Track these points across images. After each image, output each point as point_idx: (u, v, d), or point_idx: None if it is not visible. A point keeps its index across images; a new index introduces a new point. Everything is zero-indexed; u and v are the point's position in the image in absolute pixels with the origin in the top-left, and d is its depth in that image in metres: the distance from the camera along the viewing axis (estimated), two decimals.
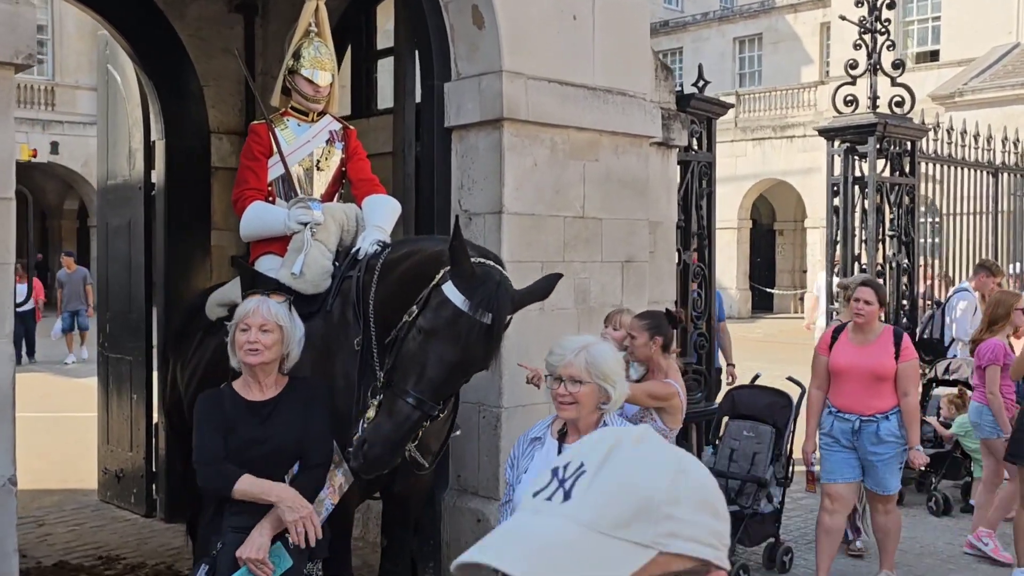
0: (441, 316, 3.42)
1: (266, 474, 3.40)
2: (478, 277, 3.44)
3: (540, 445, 3.33)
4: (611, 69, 5.58)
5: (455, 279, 3.44)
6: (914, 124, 8.64)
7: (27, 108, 28.05)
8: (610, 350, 3.25)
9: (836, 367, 5.63)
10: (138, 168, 7.31)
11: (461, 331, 3.40)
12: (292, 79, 4.80)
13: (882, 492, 5.65)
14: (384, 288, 3.96)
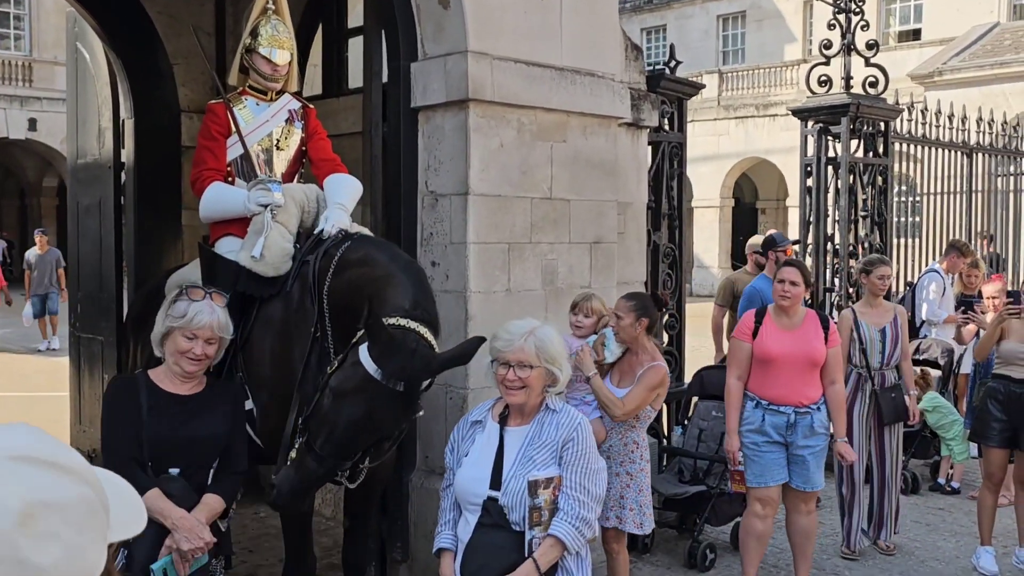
0: (352, 378, 3.32)
1: (191, 465, 3.41)
2: (394, 345, 3.31)
3: (481, 429, 3.33)
4: (579, 49, 5.55)
5: (370, 347, 3.32)
6: (887, 105, 8.65)
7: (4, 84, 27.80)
8: (555, 333, 3.24)
9: (767, 355, 5.14)
10: (107, 147, 7.26)
11: (371, 396, 3.29)
12: (250, 58, 4.76)
13: (811, 489, 5.22)
14: (337, 283, 3.94)
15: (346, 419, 3.33)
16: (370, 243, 4.19)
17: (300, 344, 4.08)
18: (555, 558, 3.09)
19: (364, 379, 3.29)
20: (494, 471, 3.18)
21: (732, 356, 5.33)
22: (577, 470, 3.13)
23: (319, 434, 3.39)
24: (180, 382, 3.48)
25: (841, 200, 8.36)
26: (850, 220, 8.44)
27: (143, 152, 7.15)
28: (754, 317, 5.28)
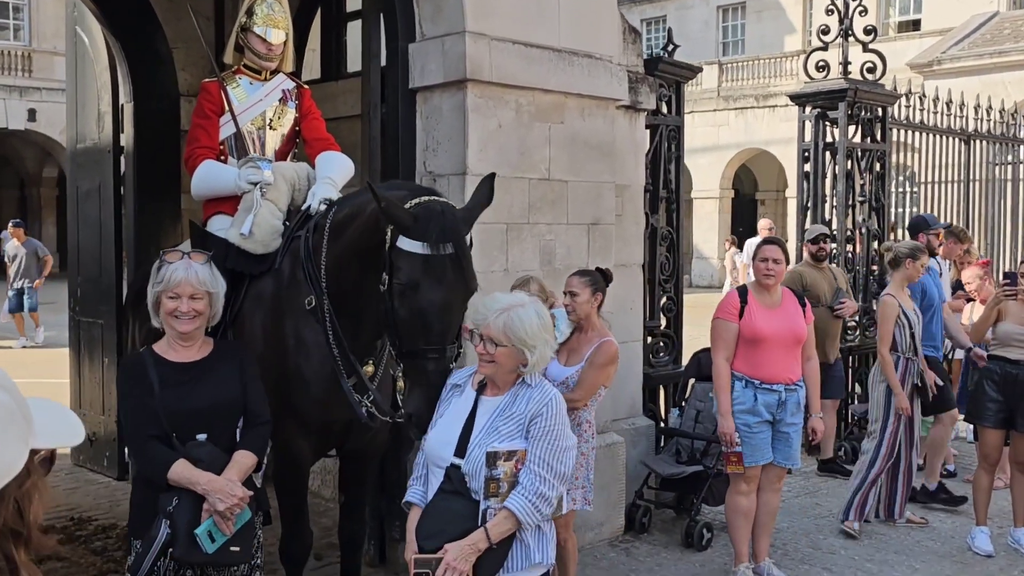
0: (412, 270, 3.39)
1: (215, 429, 3.41)
2: (421, 218, 3.40)
3: (459, 393, 3.31)
4: (577, 31, 5.57)
5: (403, 231, 3.40)
6: (885, 90, 8.67)
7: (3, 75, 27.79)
8: (533, 315, 3.13)
9: (757, 334, 5.13)
10: (107, 131, 7.28)
11: (436, 273, 3.37)
12: (245, 36, 4.78)
13: (792, 465, 5.33)
14: (336, 248, 3.94)
15: (430, 305, 3.38)
16: (348, 198, 4.20)
17: (291, 317, 4.11)
18: (508, 531, 3.07)
19: (422, 262, 3.36)
20: (461, 437, 3.17)
21: (719, 337, 5.27)
22: (542, 446, 3.10)
23: (418, 336, 3.40)
24: (181, 347, 3.47)
25: (839, 185, 8.39)
26: (848, 205, 8.47)
27: (142, 136, 7.17)
28: (738, 297, 5.27)
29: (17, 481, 0.99)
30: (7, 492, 0.98)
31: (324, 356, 4.01)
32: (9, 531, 0.98)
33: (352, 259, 3.85)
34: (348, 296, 3.93)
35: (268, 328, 4.16)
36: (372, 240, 3.61)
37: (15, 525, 0.98)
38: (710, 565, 5.71)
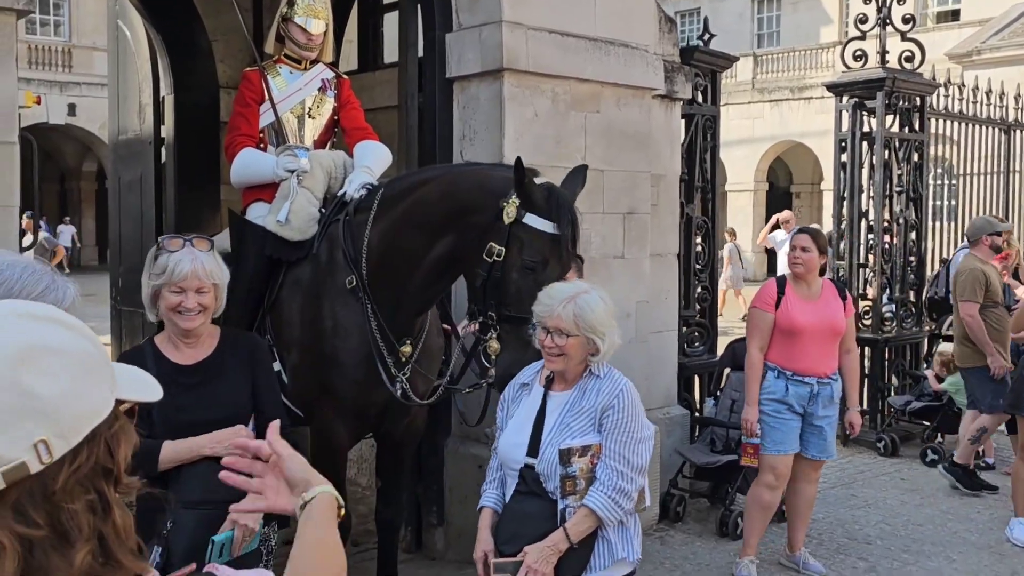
0: (542, 248, 3.59)
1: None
2: (551, 199, 3.61)
3: (528, 392, 3.28)
4: (613, 20, 5.58)
5: (533, 209, 3.58)
6: (924, 79, 8.59)
7: (44, 70, 28.18)
8: (598, 301, 3.12)
9: (794, 325, 5.08)
10: (148, 123, 7.38)
11: (560, 251, 3.61)
12: (285, 26, 4.85)
13: (827, 457, 5.30)
14: (388, 223, 4.03)
15: (546, 279, 3.52)
16: (400, 177, 4.36)
17: (329, 299, 4.17)
18: (588, 529, 3.01)
19: (551, 241, 3.58)
20: (532, 437, 3.11)
21: (754, 327, 5.23)
22: (616, 438, 3.03)
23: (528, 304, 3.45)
24: (185, 345, 3.09)
25: (876, 175, 8.33)
26: (885, 195, 8.40)
27: (182, 128, 7.26)
28: (775, 287, 5.22)
29: (107, 423, 1.06)
30: (98, 432, 1.05)
31: (363, 337, 4.07)
32: (101, 469, 1.05)
33: (406, 228, 3.94)
34: (395, 272, 4.01)
35: (306, 312, 4.23)
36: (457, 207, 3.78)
37: (106, 463, 1.06)
38: None
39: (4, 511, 0.98)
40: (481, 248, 3.64)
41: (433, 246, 3.89)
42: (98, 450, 1.05)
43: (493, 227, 3.63)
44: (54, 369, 1.03)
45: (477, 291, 3.72)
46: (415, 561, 5.47)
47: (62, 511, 1.01)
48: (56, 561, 1.00)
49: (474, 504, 5.41)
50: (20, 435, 0.99)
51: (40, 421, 1.00)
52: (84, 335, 1.10)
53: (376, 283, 4.05)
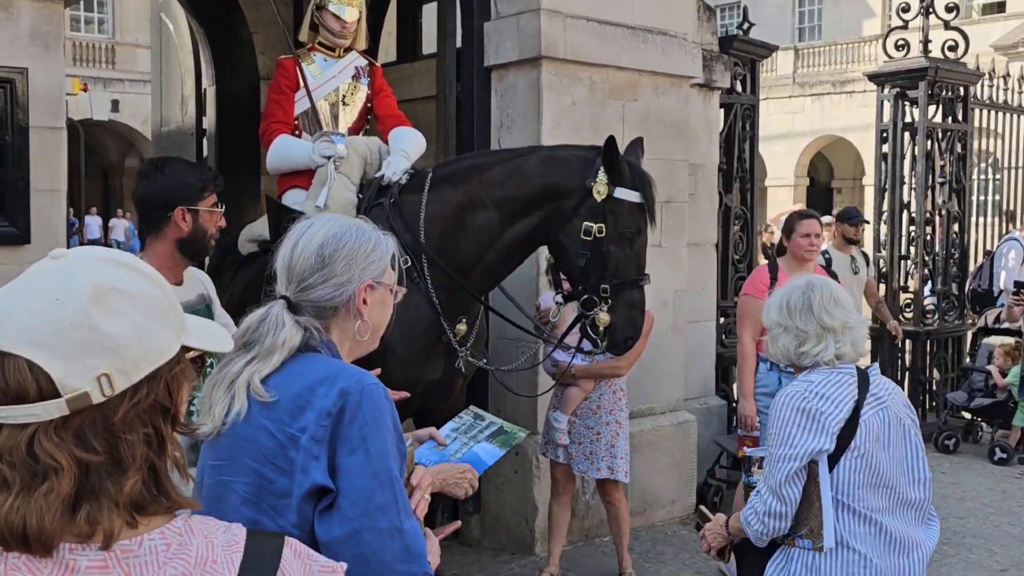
0: (636, 218, 3.93)
1: None
2: (633, 172, 3.94)
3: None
4: (651, 8, 5.57)
5: (623, 183, 3.90)
6: (967, 69, 8.48)
7: (88, 66, 28.58)
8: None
9: None
10: (190, 114, 7.49)
11: (648, 218, 3.97)
12: (320, 15, 4.90)
13: None
14: (446, 205, 4.13)
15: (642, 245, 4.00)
16: (453, 160, 4.54)
17: None
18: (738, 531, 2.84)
19: (639, 209, 3.94)
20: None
21: (746, 315, 5.05)
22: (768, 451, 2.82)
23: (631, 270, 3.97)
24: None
25: (918, 166, 8.23)
26: (927, 187, 8.30)
27: (224, 119, 7.35)
28: (768, 273, 5.11)
29: (169, 365, 1.13)
30: (160, 372, 1.12)
31: (417, 315, 4.10)
32: (159, 407, 1.12)
33: (485, 212, 4.07)
34: (461, 251, 4.12)
35: None
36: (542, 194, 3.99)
37: (164, 402, 1.13)
38: None
39: (67, 435, 1.05)
40: (575, 230, 3.90)
41: (511, 226, 4.07)
42: (158, 389, 1.12)
43: (584, 207, 3.90)
44: (123, 309, 1.10)
45: (579, 270, 3.96)
46: (451, 548, 5.50)
47: (120, 441, 1.08)
48: (108, 485, 1.07)
49: (509, 492, 5.46)
50: (85, 367, 1.06)
51: (105, 356, 1.07)
52: (156, 282, 1.17)
53: (435, 265, 4.11)
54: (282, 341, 1.79)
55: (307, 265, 1.86)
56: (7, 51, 3.72)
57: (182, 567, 1.09)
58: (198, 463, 1.88)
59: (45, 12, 3.81)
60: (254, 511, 1.71)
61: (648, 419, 5.81)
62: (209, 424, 1.77)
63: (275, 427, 1.72)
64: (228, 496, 1.75)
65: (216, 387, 1.80)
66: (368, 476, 1.66)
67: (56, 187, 3.86)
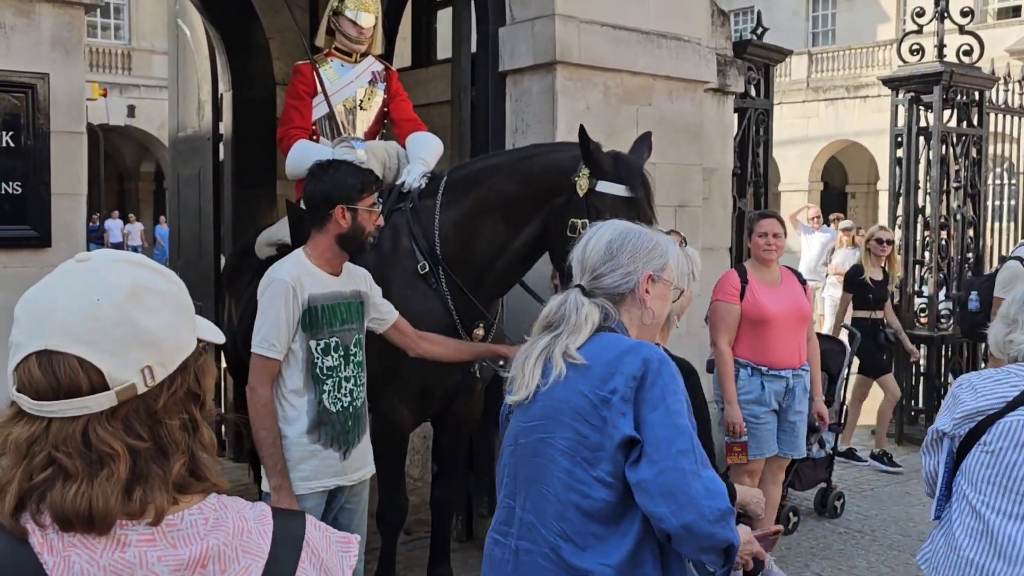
0: (618, 211, 3.62)
1: None
2: (619, 164, 3.78)
3: None
4: (665, 13, 5.59)
5: (604, 176, 3.75)
6: (982, 74, 8.46)
7: (104, 72, 28.76)
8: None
9: (764, 314, 4.84)
10: (207, 119, 7.54)
11: (637, 212, 3.70)
12: (336, 20, 4.94)
13: (797, 455, 5.10)
14: (459, 209, 4.15)
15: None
16: (461, 165, 4.52)
17: (397, 285, 4.24)
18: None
19: (623, 204, 3.72)
20: None
21: (720, 320, 4.95)
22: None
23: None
24: None
25: (933, 171, 8.21)
26: (942, 191, 8.28)
27: (240, 124, 7.41)
28: (737, 276, 5.01)
29: (194, 356, 1.24)
30: (188, 363, 1.22)
31: (435, 320, 4.14)
32: (191, 394, 1.22)
33: (487, 215, 4.07)
34: (475, 257, 4.13)
35: None
36: (534, 191, 3.93)
37: (195, 389, 1.23)
38: (796, 549, 5.68)
39: (116, 424, 1.15)
40: (563, 227, 3.81)
41: (520, 233, 4.04)
42: (189, 378, 1.22)
43: (571, 203, 3.79)
44: (156, 306, 1.19)
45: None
46: (465, 550, 5.52)
47: (162, 427, 1.18)
48: (155, 469, 1.17)
49: None
50: (131, 361, 1.16)
51: (146, 350, 1.17)
52: (173, 280, 1.26)
53: (454, 267, 4.15)
54: (585, 317, 2.12)
55: (597, 257, 2.19)
56: (29, 57, 3.77)
57: (223, 537, 1.18)
58: (507, 429, 2.23)
59: (66, 18, 3.86)
60: (569, 462, 2.04)
61: None
62: (524, 391, 2.13)
63: (588, 390, 2.04)
64: (545, 450, 2.08)
65: (527, 360, 2.15)
66: (669, 428, 1.97)
67: (76, 191, 3.91)
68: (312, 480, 3.38)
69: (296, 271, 3.40)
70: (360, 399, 3.52)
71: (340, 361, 3.43)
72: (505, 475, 2.22)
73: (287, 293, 3.32)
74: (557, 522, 2.05)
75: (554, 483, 2.05)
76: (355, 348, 3.50)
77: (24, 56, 3.75)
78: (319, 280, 3.42)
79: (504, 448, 2.23)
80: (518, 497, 2.15)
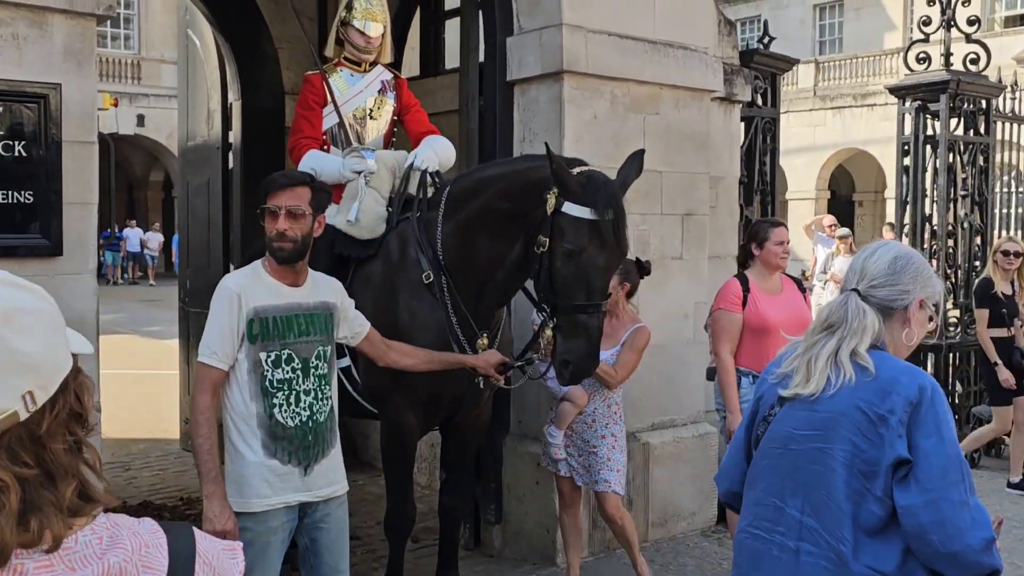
0: (579, 235, 3.67)
1: None
2: (588, 186, 3.69)
3: None
4: (672, 23, 5.62)
5: (569, 197, 3.67)
6: (989, 82, 8.47)
7: (114, 82, 28.91)
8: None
9: (766, 322, 4.83)
10: (216, 128, 7.59)
11: (602, 237, 3.68)
12: (344, 30, 4.97)
13: None
14: (457, 220, 4.15)
15: (593, 266, 3.70)
16: (463, 175, 4.52)
17: (404, 293, 4.27)
18: None
19: (589, 227, 3.65)
20: None
21: (722, 329, 4.94)
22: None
23: (578, 292, 3.71)
24: None
25: (939, 179, 8.22)
26: (949, 200, 8.28)
27: (249, 133, 7.45)
28: (739, 285, 4.97)
29: (72, 374, 1.20)
30: (67, 382, 1.19)
31: (440, 329, 4.17)
32: (74, 414, 1.19)
33: (482, 228, 4.06)
34: (476, 268, 4.13)
35: (379, 307, 4.32)
36: (517, 206, 3.89)
37: (76, 408, 1.19)
38: None
39: (1, 454, 1.11)
40: (533, 242, 3.79)
41: (513, 245, 4.02)
42: (70, 398, 1.18)
43: (541, 220, 3.75)
44: (30, 326, 1.15)
45: (535, 284, 3.87)
46: (473, 558, 5.54)
47: (47, 452, 1.14)
48: (47, 496, 1.13)
49: (530, 502, 5.49)
50: (10, 388, 1.11)
51: (25, 375, 1.13)
52: (44, 297, 1.22)
53: (456, 278, 4.17)
54: (869, 323, 2.25)
55: (880, 269, 2.31)
56: (41, 67, 3.81)
57: (122, 554, 1.16)
58: (772, 425, 2.32)
59: (78, 29, 3.90)
60: (847, 473, 2.15)
61: (669, 431, 5.84)
62: (810, 387, 2.23)
63: (865, 406, 2.15)
64: (825, 460, 2.18)
65: (814, 359, 2.26)
66: (943, 457, 2.07)
67: (88, 200, 3.94)
68: (272, 497, 3.27)
69: (244, 280, 3.35)
70: (323, 413, 3.37)
71: (296, 374, 3.31)
72: (766, 473, 2.33)
73: (231, 301, 3.25)
74: (838, 529, 2.16)
75: (835, 493, 2.17)
76: (317, 361, 3.37)
77: (37, 66, 3.79)
78: (272, 291, 3.32)
79: (765, 446, 2.34)
80: (792, 499, 2.25)
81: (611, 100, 5.37)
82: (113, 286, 27.92)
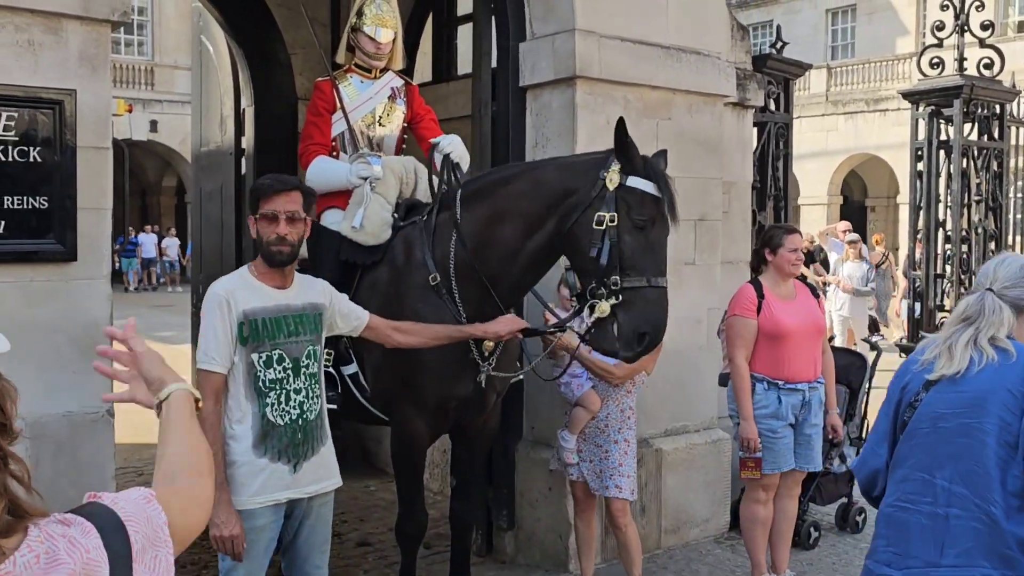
0: (647, 207, 3.82)
1: None
2: (649, 163, 3.92)
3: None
4: (685, 28, 5.61)
5: (635, 172, 3.85)
6: (1003, 87, 8.42)
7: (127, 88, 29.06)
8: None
9: (780, 328, 4.84)
10: (229, 134, 7.61)
11: (664, 211, 3.86)
12: (355, 37, 4.98)
13: (813, 468, 5.10)
14: (473, 223, 4.17)
15: (659, 239, 3.91)
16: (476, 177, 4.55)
17: (410, 297, 4.26)
18: None
19: (654, 200, 3.85)
20: None
21: (737, 335, 4.91)
22: None
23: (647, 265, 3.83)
24: None
25: (953, 184, 8.18)
26: (963, 205, 8.24)
27: (262, 139, 7.48)
28: (754, 291, 4.95)
29: None
30: None
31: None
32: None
33: (508, 227, 4.08)
34: (487, 267, 4.13)
35: (386, 311, 4.32)
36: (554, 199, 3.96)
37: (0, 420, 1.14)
38: (818, 564, 5.65)
39: None
40: (588, 220, 3.82)
41: (531, 237, 4.03)
42: None
43: (597, 198, 3.83)
44: None
45: (592, 261, 3.84)
46: (485, 564, 5.53)
47: None
48: None
49: (543, 508, 5.48)
50: None
51: None
52: None
53: (464, 279, 4.16)
54: (1006, 317, 2.57)
55: (1012, 272, 2.64)
56: (56, 73, 3.82)
57: (65, 571, 1.10)
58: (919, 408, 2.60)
59: (93, 35, 3.91)
60: (996, 443, 2.44)
61: (682, 437, 5.82)
62: (953, 367, 2.54)
63: (1012, 385, 2.46)
64: (974, 433, 2.48)
65: (954, 346, 2.57)
66: None
67: (102, 206, 3.95)
68: (261, 495, 3.30)
69: (232, 284, 3.39)
70: (313, 412, 3.43)
71: (287, 374, 3.36)
72: (915, 451, 2.59)
73: (220, 306, 3.29)
74: (988, 492, 2.44)
75: (985, 461, 2.45)
76: (307, 360, 3.43)
77: (52, 72, 3.81)
78: (260, 294, 3.36)
79: (913, 427, 2.60)
80: (940, 472, 2.52)
81: (624, 105, 5.36)
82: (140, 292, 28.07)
